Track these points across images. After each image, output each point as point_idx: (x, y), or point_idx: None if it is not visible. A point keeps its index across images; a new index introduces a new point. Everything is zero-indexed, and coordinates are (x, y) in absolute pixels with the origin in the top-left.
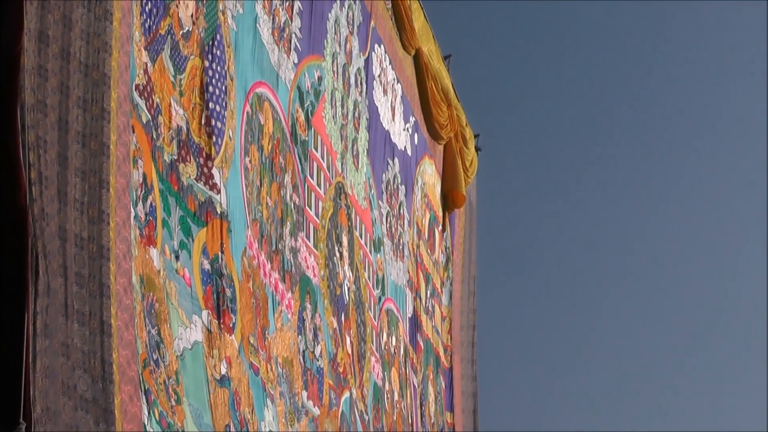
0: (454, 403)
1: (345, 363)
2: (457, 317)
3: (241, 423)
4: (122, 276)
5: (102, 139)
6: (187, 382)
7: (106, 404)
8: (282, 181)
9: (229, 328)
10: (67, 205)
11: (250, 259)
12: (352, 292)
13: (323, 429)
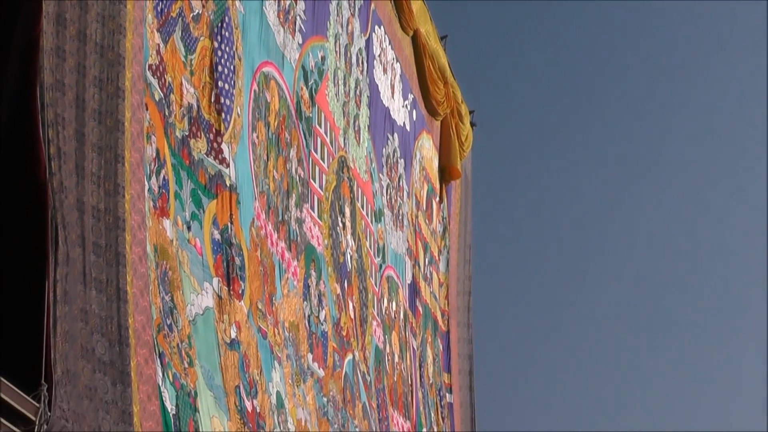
0: (451, 364)
1: (348, 327)
2: (454, 284)
3: (250, 384)
4: (137, 245)
5: (117, 117)
6: (199, 345)
7: (122, 366)
8: (288, 155)
9: (239, 294)
10: (84, 178)
11: (258, 229)
12: (354, 260)
13: (327, 389)
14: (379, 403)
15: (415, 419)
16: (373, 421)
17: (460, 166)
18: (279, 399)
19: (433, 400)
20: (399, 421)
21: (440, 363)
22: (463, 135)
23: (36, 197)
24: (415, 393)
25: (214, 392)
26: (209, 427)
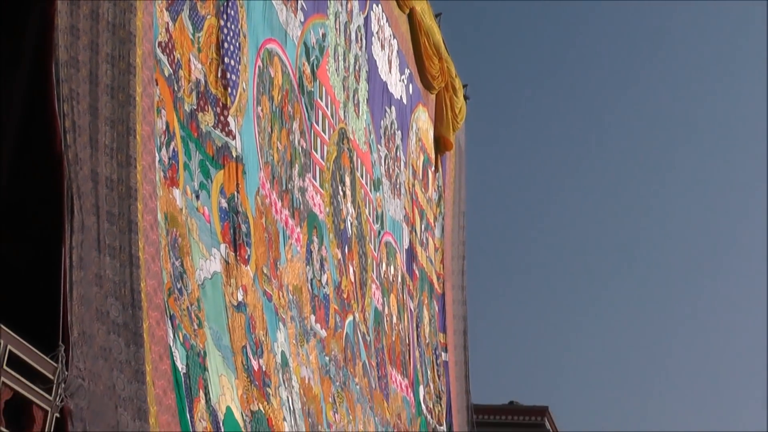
0: (446, 324)
1: (348, 290)
2: (449, 248)
3: (257, 344)
4: (148, 214)
5: (129, 92)
6: (207, 308)
7: (135, 328)
8: (290, 127)
9: (245, 259)
10: (98, 150)
11: (263, 197)
12: (354, 226)
13: (329, 349)
14: (379, 361)
15: (413, 377)
16: (372, 379)
17: (453, 138)
18: (284, 358)
19: (430, 359)
20: (397, 378)
21: (436, 323)
22: (456, 108)
23: (53, 168)
24: (412, 352)
25: (222, 352)
26: (218, 385)
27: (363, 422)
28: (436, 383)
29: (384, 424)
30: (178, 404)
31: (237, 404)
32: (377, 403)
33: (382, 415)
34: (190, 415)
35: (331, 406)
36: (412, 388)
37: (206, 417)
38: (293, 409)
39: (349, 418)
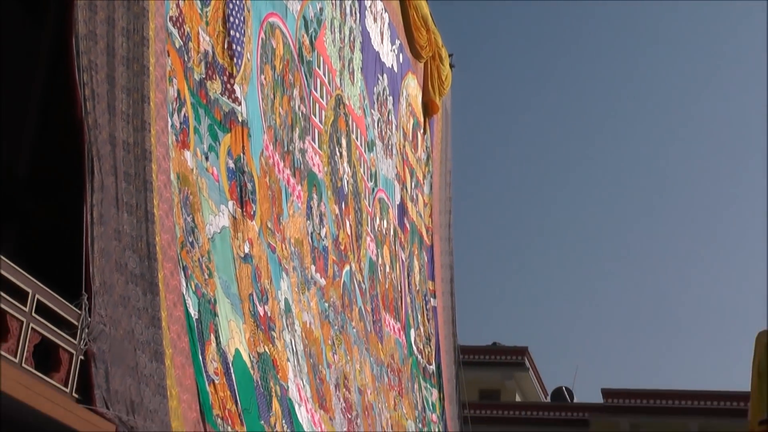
0: (434, 273)
1: (345, 242)
2: (437, 204)
3: (262, 292)
4: (162, 174)
5: (143, 62)
6: (217, 259)
7: (151, 278)
8: (291, 94)
9: (251, 215)
10: (115, 116)
11: (267, 158)
12: (350, 184)
13: (328, 296)
14: (373, 307)
15: (404, 321)
16: (368, 323)
17: (440, 102)
18: (287, 305)
19: (420, 305)
20: (390, 322)
21: (425, 272)
22: (443, 75)
23: (74, 133)
24: (403, 298)
25: (231, 299)
26: (227, 330)
27: (359, 362)
28: (426, 326)
29: (378, 364)
30: (191, 347)
31: (245, 347)
32: (372, 345)
33: (377, 356)
34: (202, 356)
35: (330, 347)
36: (404, 331)
37: (217, 358)
38: (296, 350)
39: (347, 358)
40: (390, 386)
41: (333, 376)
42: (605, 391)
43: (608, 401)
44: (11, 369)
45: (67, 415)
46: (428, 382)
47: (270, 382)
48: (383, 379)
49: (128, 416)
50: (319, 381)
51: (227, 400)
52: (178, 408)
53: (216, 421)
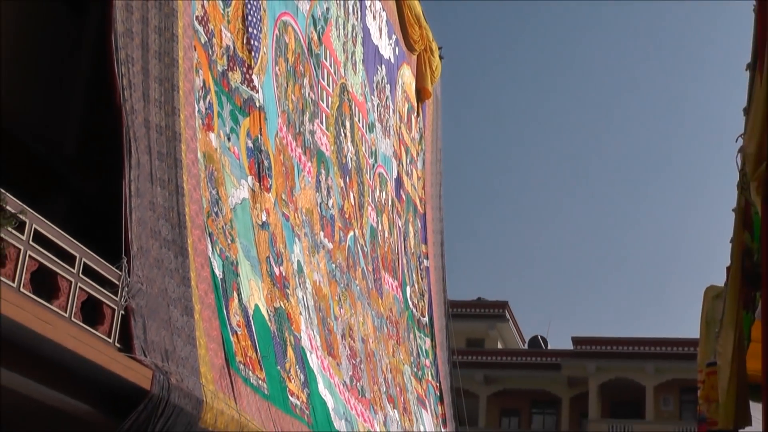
0: (427, 237)
1: (350, 211)
2: (429, 177)
3: (277, 255)
4: (191, 153)
5: (173, 56)
6: (238, 227)
7: (182, 243)
8: (302, 83)
9: (267, 188)
10: (149, 103)
11: (281, 139)
12: (353, 161)
13: (335, 258)
14: (374, 267)
15: (401, 279)
16: (369, 281)
17: (431, 89)
18: (299, 266)
19: (414, 265)
20: (389, 280)
21: (419, 237)
22: (433, 65)
23: (114, 118)
24: (400, 260)
25: (251, 261)
26: (248, 288)
27: (362, 315)
28: (420, 284)
29: (379, 316)
30: (217, 303)
31: (263, 302)
32: (373, 300)
33: (377, 310)
34: (226, 311)
35: (337, 302)
36: (400, 288)
37: (239, 313)
38: (307, 305)
39: (352, 311)
40: (389, 336)
41: (339, 328)
42: (575, 339)
43: (577, 347)
44: (62, 323)
45: (110, 362)
46: (422, 332)
47: (285, 333)
48: (383, 329)
49: (163, 363)
50: (327, 332)
51: (248, 348)
52: (206, 355)
53: (239, 367)
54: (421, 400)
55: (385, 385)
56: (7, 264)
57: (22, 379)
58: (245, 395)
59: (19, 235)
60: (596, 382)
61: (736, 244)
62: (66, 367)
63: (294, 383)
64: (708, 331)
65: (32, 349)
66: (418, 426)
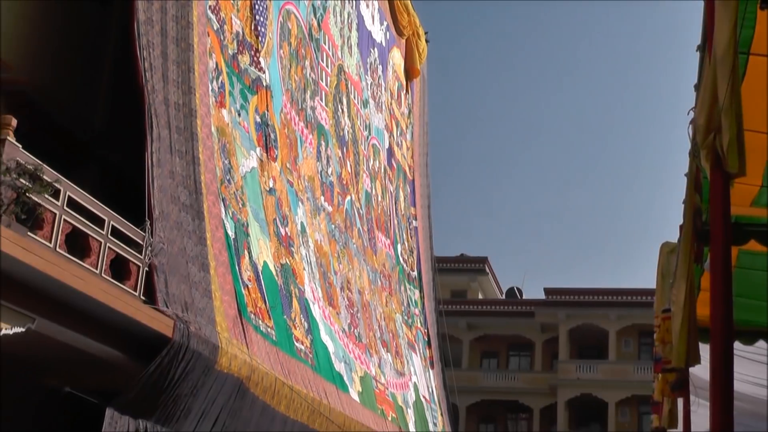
0: (415, 201)
1: (347, 178)
2: (417, 148)
3: (283, 217)
4: (205, 127)
5: (189, 41)
6: (248, 192)
7: (198, 208)
8: (304, 64)
9: (274, 158)
10: (168, 83)
11: (285, 114)
12: (350, 133)
13: (334, 219)
14: (369, 227)
15: (393, 238)
16: (364, 240)
17: (419, 69)
18: (302, 227)
19: (404, 225)
20: (382, 239)
21: (408, 200)
22: (420, 48)
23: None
24: (392, 220)
25: (260, 223)
26: (257, 247)
27: (359, 270)
28: (409, 242)
29: (373, 271)
30: (230, 260)
31: (270, 259)
32: (368, 257)
33: (372, 265)
34: (238, 267)
35: (337, 259)
36: (392, 245)
37: (249, 268)
38: (310, 262)
39: (349, 267)
40: (382, 288)
41: (339, 281)
42: (547, 290)
43: (549, 297)
44: (94, 278)
45: (136, 312)
46: (411, 285)
47: (290, 286)
48: (377, 282)
49: (183, 313)
50: (328, 285)
51: (258, 300)
52: (220, 307)
53: (250, 317)
54: (411, 344)
55: (380, 332)
56: (44, 227)
57: (59, 328)
58: (256, 341)
59: (55, 201)
60: (565, 327)
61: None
62: (97, 317)
63: (299, 330)
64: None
65: (67, 302)
66: (408, 367)
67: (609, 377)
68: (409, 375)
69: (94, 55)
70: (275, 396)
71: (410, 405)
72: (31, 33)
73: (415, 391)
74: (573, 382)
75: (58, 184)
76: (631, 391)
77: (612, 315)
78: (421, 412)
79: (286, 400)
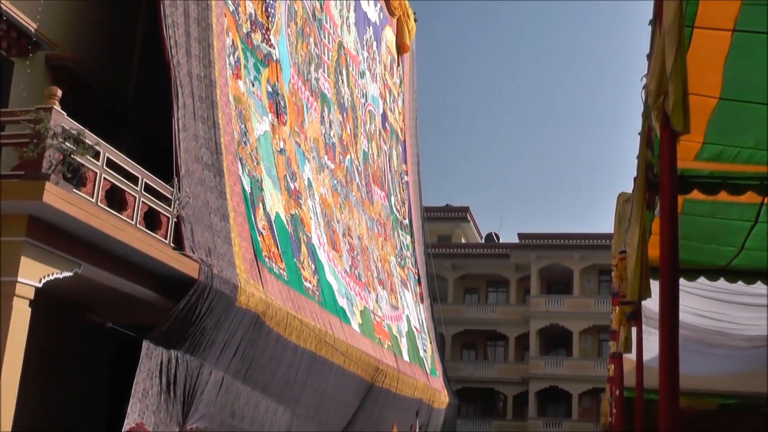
0: (406, 158)
1: (347, 139)
2: (407, 112)
3: (292, 174)
4: (224, 96)
5: (208, 21)
6: (262, 152)
7: (219, 166)
8: (308, 41)
9: (283, 122)
10: (191, 58)
11: (293, 84)
12: (349, 101)
13: (336, 175)
14: (366, 182)
15: (387, 191)
16: (363, 193)
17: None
18: (309, 182)
19: (397, 180)
20: (378, 191)
21: (400, 158)
22: (409, 27)
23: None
24: (386, 176)
25: (272, 179)
26: (270, 199)
27: (358, 219)
28: (402, 194)
29: (370, 219)
30: (247, 211)
31: (282, 210)
32: (366, 207)
33: (369, 214)
34: (254, 217)
35: (339, 209)
36: (387, 197)
37: (264, 218)
38: (316, 212)
39: (350, 216)
40: (378, 234)
41: (341, 228)
42: (520, 235)
43: (522, 241)
44: (130, 228)
45: (167, 257)
46: (403, 231)
47: (299, 233)
48: (374, 229)
49: (207, 258)
50: (331, 231)
51: (271, 245)
52: (239, 252)
53: (265, 260)
54: (404, 282)
55: (376, 272)
56: (87, 184)
57: (102, 272)
58: (270, 281)
59: (96, 162)
60: (536, 267)
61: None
62: (134, 262)
63: (307, 271)
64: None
65: (108, 250)
66: (401, 302)
67: (574, 310)
68: (402, 309)
69: (127, 34)
70: (287, 328)
71: (403, 334)
72: (72, 16)
73: (408, 323)
74: (543, 314)
75: (98, 147)
76: (592, 321)
77: (576, 256)
78: (413, 341)
79: (297, 331)
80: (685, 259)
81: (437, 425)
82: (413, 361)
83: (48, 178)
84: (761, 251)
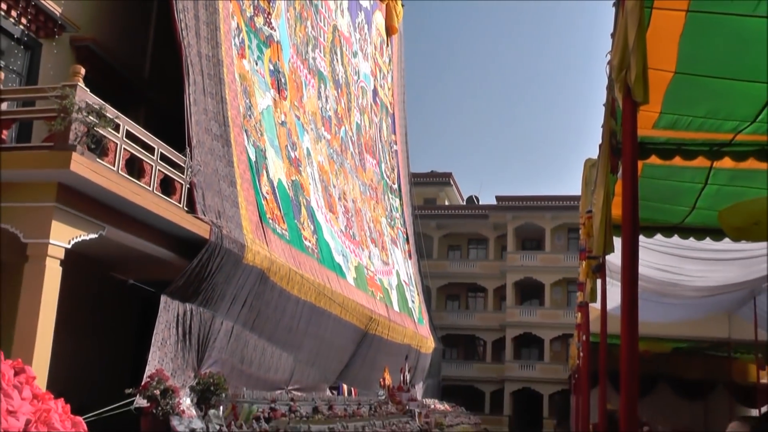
0: (396, 129)
1: (341, 112)
2: (395, 88)
3: (293, 144)
4: (230, 74)
5: (215, 6)
6: (265, 124)
7: (226, 136)
8: (306, 24)
9: (284, 97)
10: (200, 39)
11: (293, 63)
12: (343, 78)
13: (332, 144)
14: (359, 151)
15: (378, 158)
16: (356, 160)
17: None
18: (308, 151)
19: (387, 149)
20: (370, 159)
21: (390, 129)
22: (397, 11)
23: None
24: (377, 145)
25: (274, 149)
26: (272, 167)
27: (352, 184)
28: (391, 162)
29: (363, 184)
30: (252, 177)
31: (283, 176)
32: (359, 173)
33: (362, 180)
34: (258, 183)
35: (335, 175)
36: (378, 165)
37: (267, 184)
38: (314, 178)
39: (345, 181)
40: (371, 197)
41: (337, 193)
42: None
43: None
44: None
45: (181, 220)
46: (393, 195)
47: (299, 197)
48: (367, 193)
49: (217, 220)
50: (328, 196)
51: (274, 208)
52: (246, 214)
53: (269, 221)
54: (394, 240)
55: (369, 231)
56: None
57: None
58: (273, 240)
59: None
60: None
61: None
62: (152, 224)
63: (307, 231)
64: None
65: (129, 213)
66: (392, 258)
67: (545, 264)
68: (392, 264)
69: (142, 18)
70: (289, 282)
71: (394, 287)
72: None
73: (397, 277)
74: (518, 268)
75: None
76: (562, 274)
77: (548, 216)
78: (402, 293)
79: (298, 285)
80: (644, 218)
81: (424, 368)
82: (402, 311)
83: (74, 149)
84: (710, 210)
